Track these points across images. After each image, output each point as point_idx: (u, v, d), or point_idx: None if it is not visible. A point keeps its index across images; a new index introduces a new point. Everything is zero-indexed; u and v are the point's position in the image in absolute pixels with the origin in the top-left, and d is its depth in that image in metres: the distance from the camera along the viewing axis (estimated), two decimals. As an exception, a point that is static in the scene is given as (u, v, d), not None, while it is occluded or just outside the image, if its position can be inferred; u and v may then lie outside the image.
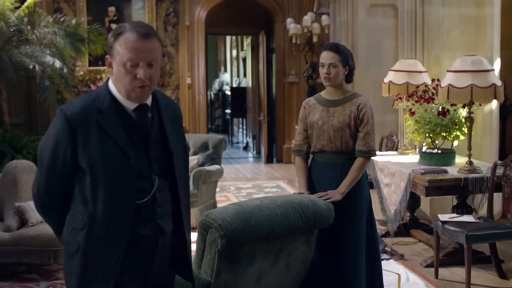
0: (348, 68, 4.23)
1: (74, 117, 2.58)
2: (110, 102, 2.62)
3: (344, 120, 4.22)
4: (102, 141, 2.58)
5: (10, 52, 9.05)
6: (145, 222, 2.66)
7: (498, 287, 5.34)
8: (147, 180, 2.67)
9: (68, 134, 2.58)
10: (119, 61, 2.55)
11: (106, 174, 2.58)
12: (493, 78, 5.60)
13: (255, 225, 3.62)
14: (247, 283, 3.80)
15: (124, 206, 2.61)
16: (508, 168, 5.40)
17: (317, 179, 4.35)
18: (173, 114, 2.81)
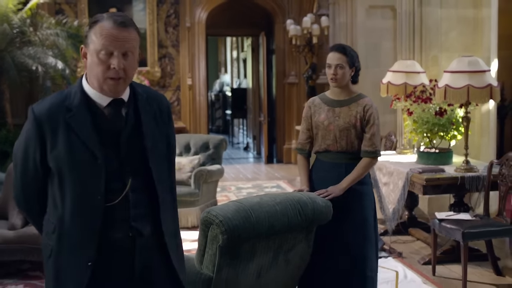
0: (355, 69, 4.27)
1: (42, 116, 2.46)
2: (81, 99, 2.48)
3: (350, 121, 4.25)
4: (70, 141, 2.45)
5: (13, 53, 9.16)
6: (118, 226, 2.51)
7: (494, 283, 5.43)
8: (119, 180, 2.51)
9: (37, 134, 2.48)
10: (93, 49, 2.41)
11: (73, 175, 2.46)
12: (489, 79, 5.69)
13: (255, 221, 3.71)
14: (248, 278, 3.89)
15: (92, 209, 2.46)
16: (504, 166, 5.49)
17: (321, 179, 4.37)
18: (156, 108, 2.63)
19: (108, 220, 2.47)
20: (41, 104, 2.50)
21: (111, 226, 2.49)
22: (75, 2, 11.68)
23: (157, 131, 2.60)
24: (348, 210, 4.23)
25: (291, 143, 13.01)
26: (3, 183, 6.25)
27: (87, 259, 2.46)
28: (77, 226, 2.47)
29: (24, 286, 5.50)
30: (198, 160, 8.01)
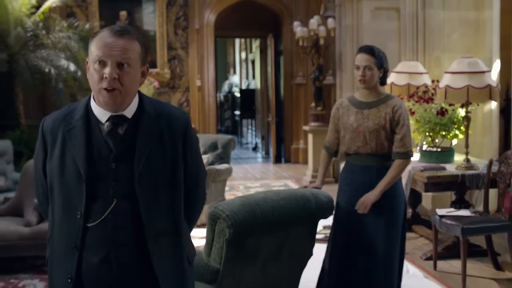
0: (383, 71, 4.26)
1: (46, 128, 2.45)
2: (82, 113, 2.41)
3: (379, 122, 4.23)
4: (62, 155, 2.39)
5: (26, 56, 9.40)
6: (95, 249, 2.37)
7: (494, 278, 5.60)
8: (104, 201, 2.36)
9: (41, 145, 2.47)
10: (90, 60, 2.35)
11: (60, 190, 2.41)
12: (488, 79, 5.86)
13: (260, 216, 3.90)
14: (253, 270, 4.08)
15: (72, 227, 2.38)
16: (503, 164, 5.66)
17: (351, 182, 4.37)
18: (164, 128, 2.44)
19: (86, 241, 2.37)
20: (50, 116, 2.49)
21: (88, 247, 2.37)
22: (86, 5, 11.86)
23: (158, 154, 2.41)
24: (377, 211, 4.23)
25: (299, 143, 13.19)
26: (18, 183, 6.46)
27: (67, 274, 2.40)
28: (60, 240, 2.43)
29: (39, 280, 5.70)
30: (206, 159, 8.20)
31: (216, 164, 8.22)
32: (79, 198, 2.36)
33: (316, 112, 10.98)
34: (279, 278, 4.28)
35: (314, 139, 10.86)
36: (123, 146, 2.39)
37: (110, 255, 2.37)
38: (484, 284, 5.46)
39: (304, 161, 12.69)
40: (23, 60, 9.33)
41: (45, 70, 9.32)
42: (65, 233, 2.41)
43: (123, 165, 2.37)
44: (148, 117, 2.42)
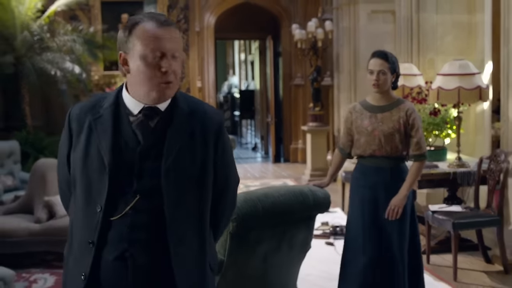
0: (395, 75, 4.38)
1: (73, 115, 2.33)
2: (111, 103, 2.29)
3: (394, 126, 4.33)
4: (87, 144, 2.27)
5: (33, 59, 9.68)
6: (112, 246, 2.24)
7: (484, 270, 5.86)
8: (127, 196, 2.23)
9: (67, 133, 2.35)
10: (139, 54, 2.18)
11: (81, 181, 2.28)
12: (478, 81, 6.13)
13: (262, 211, 4.17)
14: (255, 262, 4.35)
15: (90, 221, 2.25)
16: (493, 162, 5.93)
17: (364, 183, 4.46)
18: (196, 126, 2.31)
19: (104, 236, 2.24)
20: (78, 104, 2.38)
21: (105, 244, 2.24)
22: (89, 8, 12.11)
23: (188, 151, 2.28)
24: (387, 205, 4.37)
25: (298, 143, 13.44)
26: (28, 181, 6.72)
27: (81, 271, 2.27)
28: (78, 235, 2.29)
29: (50, 274, 5.96)
30: (208, 159, 8.45)
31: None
32: (100, 191, 2.23)
33: (314, 113, 11.23)
34: (280, 269, 4.54)
35: (312, 139, 11.13)
36: (153, 139, 2.26)
37: (126, 254, 2.23)
38: (475, 276, 5.73)
39: (302, 160, 12.94)
40: (29, 62, 9.62)
41: (51, 72, 9.61)
42: (83, 228, 2.27)
43: (150, 159, 2.25)
44: (181, 113, 2.30)
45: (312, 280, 5.62)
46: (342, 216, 7.91)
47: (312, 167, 11.10)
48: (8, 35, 9.82)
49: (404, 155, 4.43)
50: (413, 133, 4.35)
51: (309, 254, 5.72)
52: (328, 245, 6.75)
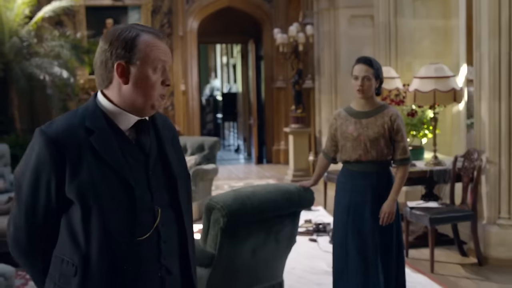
0: (379, 81, 4.45)
1: (59, 138, 2.08)
2: (101, 119, 2.15)
3: (379, 131, 4.41)
4: (97, 165, 2.10)
5: (21, 64, 9.89)
6: (146, 264, 2.18)
7: (459, 263, 6.18)
8: (149, 212, 2.18)
9: (52, 160, 2.08)
10: (146, 67, 2.13)
11: (102, 206, 2.10)
12: (453, 83, 6.44)
13: (250, 207, 4.45)
14: (244, 255, 4.62)
15: (124, 245, 2.13)
16: (466, 160, 6.25)
17: (351, 188, 4.54)
18: (172, 134, 2.37)
19: (136, 257, 2.15)
20: (54, 125, 2.13)
21: (139, 264, 2.16)
22: (74, 13, 12.28)
23: (177, 157, 2.33)
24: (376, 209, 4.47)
25: (280, 145, 13.71)
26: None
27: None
28: (106, 265, 2.12)
29: None
30: (194, 160, 8.72)
31: (203, 164, 8.74)
32: (128, 212, 2.13)
33: (296, 115, 11.51)
34: (267, 262, 4.82)
35: (294, 140, 11.42)
36: (156, 151, 2.25)
37: (162, 268, 2.21)
38: (450, 268, 6.04)
39: (285, 161, 13.22)
40: (18, 68, 9.82)
41: (40, 77, 9.82)
42: (112, 254, 2.11)
43: (158, 171, 2.24)
44: (158, 122, 2.31)
45: (297, 273, 5.90)
46: (324, 214, 8.21)
47: (294, 167, 11.39)
48: (-4, 40, 10.04)
49: (389, 159, 4.51)
50: (398, 138, 4.44)
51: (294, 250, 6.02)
52: (312, 241, 7.04)
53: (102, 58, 2.16)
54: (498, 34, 5.93)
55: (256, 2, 13.41)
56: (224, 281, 4.61)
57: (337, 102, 10.57)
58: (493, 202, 6.06)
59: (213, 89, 20.78)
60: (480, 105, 6.18)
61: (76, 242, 2.13)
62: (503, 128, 5.97)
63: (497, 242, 6.03)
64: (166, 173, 2.25)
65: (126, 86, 2.15)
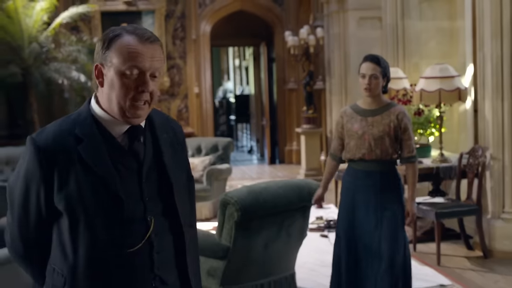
0: (386, 79, 4.44)
1: (48, 147, 2.03)
2: (92, 126, 2.06)
3: (384, 129, 4.37)
4: (84, 177, 2.03)
5: (40, 69, 10.22)
6: (139, 275, 2.11)
7: (465, 256, 6.41)
8: (140, 222, 2.10)
9: (41, 170, 2.03)
10: (116, 69, 2.01)
11: (89, 217, 2.04)
12: (458, 83, 6.67)
13: (263, 202, 4.71)
14: (257, 248, 4.87)
15: (113, 257, 2.07)
16: (471, 157, 6.48)
17: (355, 187, 4.53)
18: (172, 135, 2.26)
19: (126, 268, 2.09)
20: (44, 133, 2.07)
21: (130, 274, 2.10)
22: (89, 19, 12.56)
23: (176, 162, 2.23)
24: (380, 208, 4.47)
25: (292, 145, 13.95)
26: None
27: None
28: (94, 277, 2.07)
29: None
30: (208, 160, 8.98)
31: (217, 164, 9.00)
32: (117, 222, 2.07)
33: (307, 115, 11.75)
34: (279, 254, 5.07)
35: (306, 141, 11.67)
36: (149, 157, 2.15)
37: (156, 279, 2.15)
38: (457, 261, 6.27)
39: (297, 161, 13.45)
40: (37, 72, 10.14)
41: (58, 81, 10.15)
42: (101, 266, 2.07)
43: (152, 178, 2.15)
44: (157, 126, 2.22)
45: (309, 266, 6.16)
46: (335, 211, 8.43)
47: (306, 167, 11.64)
48: (16, 46, 10.35)
49: (394, 159, 4.48)
50: (405, 136, 4.42)
51: (306, 245, 6.29)
52: (323, 237, 7.29)
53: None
54: (500, 35, 6.17)
55: (268, 5, 13.66)
56: (238, 273, 4.87)
57: (347, 102, 10.78)
58: (497, 197, 6.29)
59: (226, 91, 21.04)
60: (484, 104, 6.41)
61: (64, 252, 2.08)
62: (506, 126, 6.19)
63: (501, 236, 6.26)
64: (162, 179, 2.16)
65: (102, 90, 2.07)
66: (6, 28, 10.18)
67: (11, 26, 10.18)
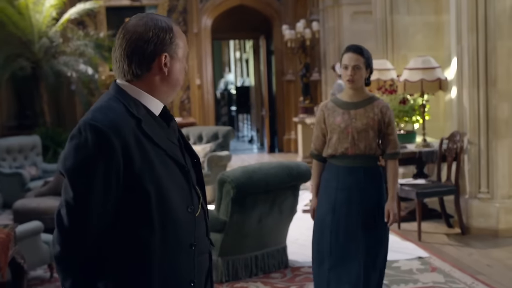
0: (369, 71, 4.16)
1: (115, 127, 2.01)
2: (140, 107, 2.11)
3: (368, 123, 4.11)
4: (153, 150, 2.08)
5: (50, 62, 10.80)
6: (201, 240, 2.23)
7: (445, 233, 6.96)
8: (195, 190, 2.22)
9: (111, 151, 1.99)
10: (182, 55, 2.17)
11: (163, 189, 2.08)
12: (439, 74, 7.21)
13: (256, 180, 5.28)
14: (251, 222, 5.44)
15: (186, 223, 2.15)
16: (450, 142, 7.02)
17: (337, 185, 4.21)
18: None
19: (196, 233, 2.19)
20: (103, 115, 2.04)
21: (198, 239, 2.20)
22: (95, 14, 13.08)
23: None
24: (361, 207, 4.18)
25: (291, 134, 14.48)
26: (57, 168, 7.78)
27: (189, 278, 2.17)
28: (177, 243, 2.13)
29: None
30: (209, 147, 9.54)
31: (217, 151, 9.56)
32: (187, 191, 2.18)
33: (304, 105, 12.30)
34: (272, 228, 5.64)
35: (303, 129, 12.21)
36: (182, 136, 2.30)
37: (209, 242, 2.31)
38: (437, 237, 6.82)
39: (295, 150, 13.95)
40: (47, 65, 10.73)
41: (67, 74, 10.73)
42: (178, 233, 2.13)
43: (186, 154, 2.26)
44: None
45: (300, 242, 6.69)
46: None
47: (303, 155, 12.18)
48: (26, 41, 10.94)
49: (377, 154, 4.21)
50: (389, 131, 4.17)
51: (298, 225, 6.92)
52: (315, 218, 7.84)
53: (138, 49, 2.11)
54: (476, 29, 6.70)
55: (267, 0, 14.18)
56: (235, 245, 5.45)
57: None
58: (473, 179, 6.83)
59: (227, 83, 21.53)
60: (462, 93, 6.95)
61: (152, 228, 2.05)
62: (481, 113, 6.73)
63: (477, 214, 6.80)
64: (189, 153, 2.27)
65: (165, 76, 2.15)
66: (18, 23, 10.78)
67: (22, 22, 10.77)
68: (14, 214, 7.32)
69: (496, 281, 5.40)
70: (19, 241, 4.92)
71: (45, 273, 6.01)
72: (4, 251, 4.36)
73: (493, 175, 6.73)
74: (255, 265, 5.59)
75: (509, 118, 6.71)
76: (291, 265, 5.95)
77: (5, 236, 4.42)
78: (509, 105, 6.70)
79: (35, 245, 5.63)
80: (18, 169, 9.22)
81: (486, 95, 6.69)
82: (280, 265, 5.79)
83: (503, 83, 6.66)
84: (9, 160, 9.39)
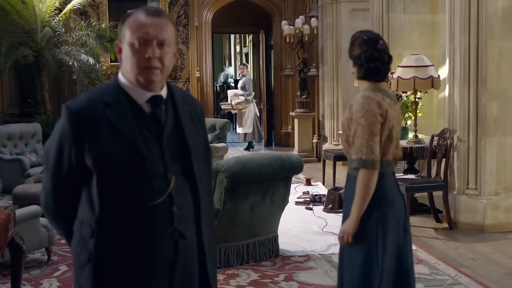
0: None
1: (80, 112, 2.31)
2: (119, 94, 2.34)
3: (343, 122, 3.59)
4: (111, 136, 2.29)
5: (52, 52, 10.98)
6: (160, 227, 2.34)
7: (433, 227, 7.14)
8: (162, 179, 2.34)
9: (73, 131, 2.31)
10: (127, 41, 2.30)
11: (115, 173, 2.30)
12: (431, 72, 7.39)
13: (249, 170, 5.45)
14: (244, 211, 5.62)
15: (136, 209, 2.32)
16: (440, 139, 7.20)
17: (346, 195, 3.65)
18: (192, 109, 2.49)
19: (149, 220, 2.33)
20: (77, 101, 2.37)
21: (152, 227, 2.33)
22: (97, 4, 13.21)
23: (195, 132, 2.46)
24: None
25: (288, 128, 14.63)
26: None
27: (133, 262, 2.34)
28: (118, 227, 2.32)
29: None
30: (206, 139, 9.73)
31: (214, 143, 9.75)
32: (140, 178, 2.32)
33: (301, 100, 12.46)
34: (263, 218, 5.82)
35: (299, 123, 12.38)
36: (170, 123, 2.40)
37: (175, 231, 2.36)
38: (425, 231, 7.01)
39: (292, 144, 14.05)
40: (49, 55, 10.91)
41: (69, 63, 10.93)
42: (126, 218, 2.32)
43: (172, 143, 2.39)
44: (178, 99, 2.45)
45: (292, 233, 6.88)
46: (322, 188, 9.19)
47: (299, 148, 12.35)
48: (29, 30, 11.13)
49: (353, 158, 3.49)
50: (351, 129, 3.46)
51: (291, 216, 7.11)
52: (308, 210, 8.02)
53: None
54: (468, 29, 6.87)
55: (267, -5, 14.35)
56: (228, 233, 5.62)
57: (339, 89, 11.53)
58: (462, 175, 7.01)
59: (227, 77, 21.68)
60: (453, 91, 7.12)
61: (92, 206, 2.33)
62: (471, 111, 6.90)
63: (465, 209, 6.98)
64: (181, 144, 2.39)
65: (122, 63, 2.38)
66: (21, 12, 10.96)
67: (25, 10, 10.95)
68: (13, 199, 7.51)
69: (478, 274, 5.59)
70: (18, 224, 5.10)
71: (43, 256, 6.19)
72: (4, 231, 4.54)
73: (481, 172, 6.90)
74: (246, 253, 5.77)
75: (498, 116, 6.89)
76: (282, 254, 6.13)
77: (5, 217, 4.60)
78: (498, 104, 6.88)
79: (33, 228, 5.82)
80: (19, 155, 9.39)
81: (477, 93, 6.87)
82: (271, 253, 5.97)
83: (493, 83, 6.84)
84: (10, 146, 9.57)
